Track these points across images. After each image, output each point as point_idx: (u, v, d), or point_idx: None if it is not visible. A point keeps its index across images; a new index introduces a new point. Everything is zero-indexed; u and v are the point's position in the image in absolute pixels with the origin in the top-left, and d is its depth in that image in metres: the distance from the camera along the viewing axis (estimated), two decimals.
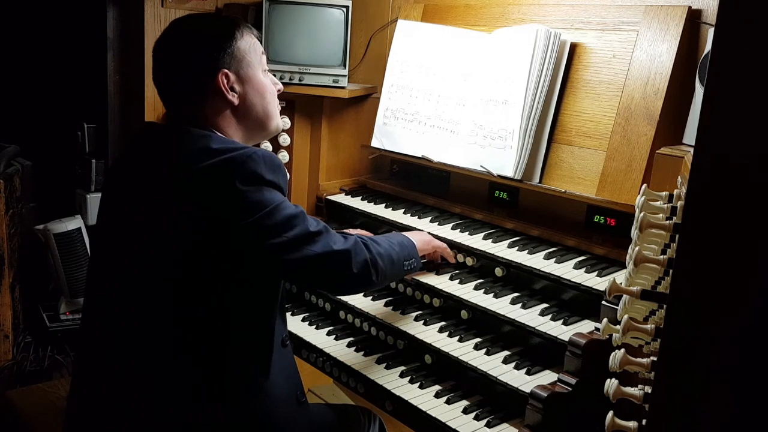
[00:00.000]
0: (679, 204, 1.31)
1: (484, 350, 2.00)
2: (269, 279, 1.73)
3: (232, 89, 1.75)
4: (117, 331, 1.69)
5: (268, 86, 1.84)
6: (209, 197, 1.58)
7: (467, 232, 2.31)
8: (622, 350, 1.26)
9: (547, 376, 1.88)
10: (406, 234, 2.15)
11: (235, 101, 1.76)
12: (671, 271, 1.12)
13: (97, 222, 1.86)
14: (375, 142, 2.70)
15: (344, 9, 2.70)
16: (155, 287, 1.64)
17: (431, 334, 2.11)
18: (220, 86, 1.73)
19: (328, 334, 2.34)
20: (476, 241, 2.26)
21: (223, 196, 1.58)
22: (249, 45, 1.80)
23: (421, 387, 2.02)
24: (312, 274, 1.73)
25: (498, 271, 2.18)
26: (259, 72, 1.82)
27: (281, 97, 1.97)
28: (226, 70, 1.74)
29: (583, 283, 1.97)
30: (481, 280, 2.19)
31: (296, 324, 2.39)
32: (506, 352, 1.99)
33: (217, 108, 1.75)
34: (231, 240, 1.60)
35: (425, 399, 1.97)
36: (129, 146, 1.88)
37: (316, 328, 2.37)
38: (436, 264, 2.29)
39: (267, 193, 1.62)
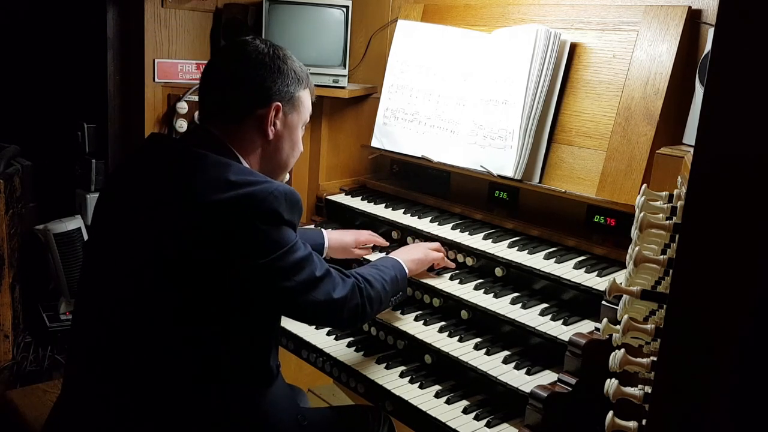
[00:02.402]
0: (679, 204, 1.31)
1: (484, 350, 2.00)
2: (271, 311, 1.75)
3: (274, 125, 1.77)
4: (110, 345, 1.66)
5: (299, 143, 1.89)
6: (225, 231, 1.56)
7: (467, 232, 2.31)
8: (622, 350, 1.26)
9: (547, 376, 1.88)
10: (402, 257, 2.13)
11: (270, 136, 1.77)
12: (671, 271, 1.12)
13: (93, 230, 1.83)
14: (375, 142, 2.70)
15: (344, 9, 2.70)
16: (153, 306, 1.62)
17: (431, 334, 2.11)
18: (268, 115, 1.75)
19: (328, 334, 2.33)
20: (476, 241, 2.26)
21: (240, 233, 1.57)
22: (307, 101, 1.86)
23: (421, 387, 2.02)
24: (308, 316, 1.83)
25: (498, 271, 2.18)
26: (300, 127, 1.87)
27: None
28: (279, 104, 1.76)
29: (583, 283, 1.97)
30: (481, 280, 2.19)
31: (296, 324, 2.38)
32: (506, 352, 1.99)
33: (250, 136, 1.76)
34: (240, 275, 1.59)
35: (425, 399, 1.97)
36: (134, 157, 1.83)
37: (316, 328, 2.37)
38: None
39: (284, 233, 1.63)
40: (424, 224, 2.41)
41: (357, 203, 2.66)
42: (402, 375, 2.08)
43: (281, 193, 1.61)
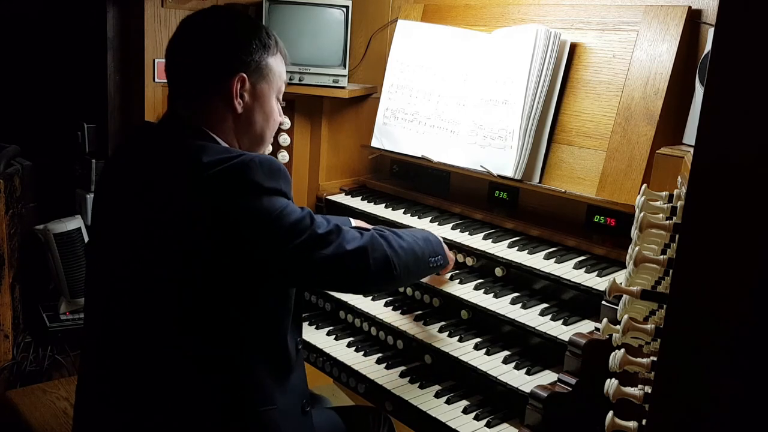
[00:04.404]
0: (679, 204, 1.31)
1: (484, 350, 2.00)
2: (278, 288, 1.67)
3: (241, 96, 1.68)
4: (122, 341, 1.65)
5: (275, 113, 1.78)
6: (209, 214, 1.53)
7: (467, 232, 2.31)
8: (622, 350, 1.26)
9: (547, 376, 1.88)
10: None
11: (239, 109, 1.68)
12: (671, 271, 1.12)
13: (92, 231, 1.81)
14: (375, 142, 2.70)
15: (344, 9, 2.70)
16: (155, 296, 1.60)
17: (431, 334, 2.11)
18: (232, 88, 1.66)
19: (328, 334, 2.34)
20: (476, 241, 2.26)
21: (222, 212, 1.53)
22: (278, 68, 1.75)
23: (421, 387, 2.02)
24: (326, 277, 1.67)
25: (498, 271, 2.18)
26: (273, 96, 1.76)
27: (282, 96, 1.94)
28: (244, 75, 1.68)
29: (583, 283, 1.97)
30: (481, 280, 2.19)
31: None
32: (506, 352, 1.99)
33: (219, 112, 1.68)
34: (234, 254, 1.55)
35: (425, 399, 1.97)
36: (122, 149, 1.82)
37: (316, 328, 2.37)
38: None
39: (269, 202, 1.56)
40: (424, 224, 2.40)
41: (357, 203, 2.66)
42: (402, 375, 2.08)
43: (256, 163, 1.54)
